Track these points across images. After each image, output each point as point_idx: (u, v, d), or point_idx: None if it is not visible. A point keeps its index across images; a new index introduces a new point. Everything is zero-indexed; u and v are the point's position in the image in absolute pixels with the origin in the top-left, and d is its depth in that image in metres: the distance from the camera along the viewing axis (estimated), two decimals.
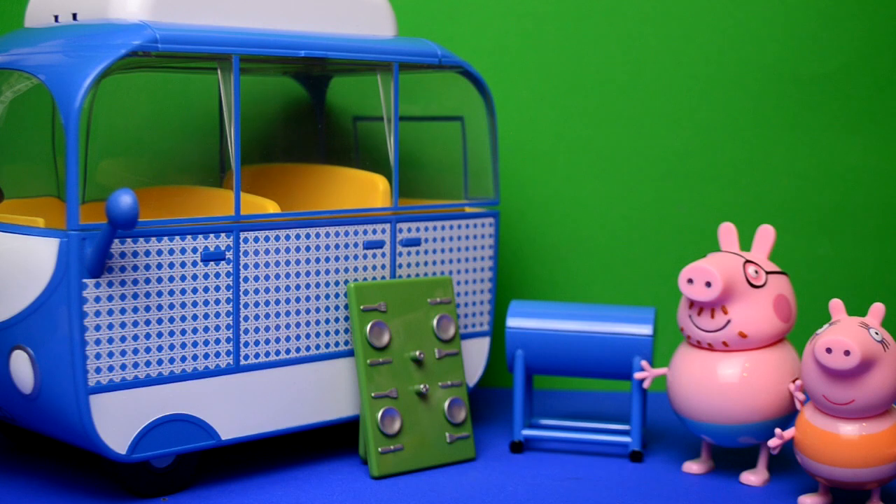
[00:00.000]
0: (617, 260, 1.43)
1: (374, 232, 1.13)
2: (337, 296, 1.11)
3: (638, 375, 1.14)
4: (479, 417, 1.29)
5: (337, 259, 1.11)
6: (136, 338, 0.98)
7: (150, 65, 1.13)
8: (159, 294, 0.99)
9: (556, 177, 1.43)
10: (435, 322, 1.14)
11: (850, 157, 1.41)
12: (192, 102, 1.29)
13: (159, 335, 0.99)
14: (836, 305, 1.02)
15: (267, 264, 1.06)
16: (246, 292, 1.05)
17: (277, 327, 1.07)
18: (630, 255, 1.43)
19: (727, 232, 1.13)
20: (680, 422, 1.15)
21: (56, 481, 1.07)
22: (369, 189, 1.16)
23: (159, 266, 0.99)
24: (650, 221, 1.43)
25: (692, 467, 1.13)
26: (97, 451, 0.98)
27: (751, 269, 1.08)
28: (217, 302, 1.03)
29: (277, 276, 1.07)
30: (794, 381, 1.07)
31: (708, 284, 1.05)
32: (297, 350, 1.08)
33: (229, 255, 1.03)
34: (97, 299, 0.95)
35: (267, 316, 1.06)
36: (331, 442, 1.19)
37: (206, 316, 1.02)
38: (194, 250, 1.01)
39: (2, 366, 1.00)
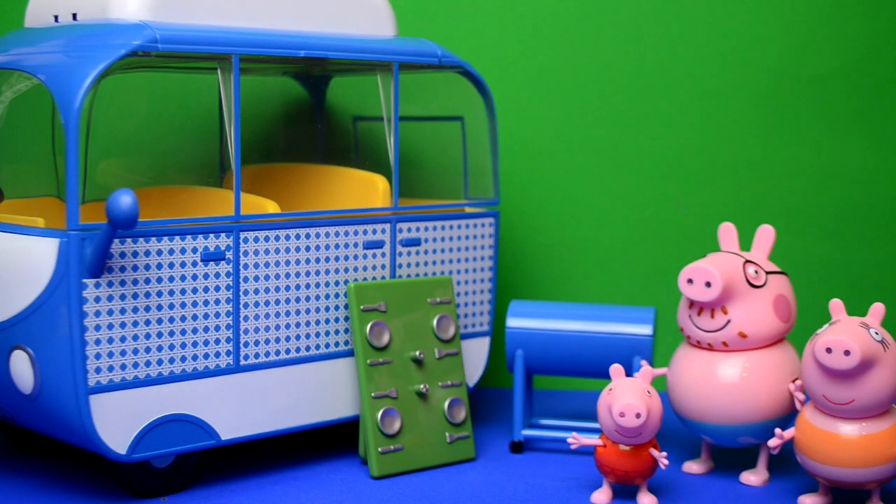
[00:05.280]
0: (617, 260, 1.43)
1: (374, 232, 1.13)
2: (337, 296, 1.11)
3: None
4: (479, 417, 1.29)
5: (337, 259, 1.11)
6: (136, 338, 0.98)
7: (150, 65, 1.13)
8: (159, 294, 0.99)
9: (556, 177, 1.43)
10: (435, 322, 1.14)
11: (851, 157, 1.41)
12: (192, 102, 1.29)
13: (159, 335, 1.00)
14: (836, 305, 1.02)
15: (267, 264, 1.06)
16: (246, 292, 1.05)
17: (277, 327, 1.07)
18: (630, 255, 1.43)
19: (727, 232, 1.13)
20: (680, 422, 1.15)
21: (56, 481, 1.07)
22: (369, 189, 1.16)
23: (159, 266, 0.99)
24: (650, 221, 1.43)
25: (692, 467, 1.13)
26: (97, 451, 0.98)
27: (751, 269, 1.08)
28: (217, 302, 1.03)
29: (277, 276, 1.07)
30: (794, 381, 1.07)
31: (708, 284, 1.05)
32: (297, 350, 1.08)
33: (229, 255, 1.03)
34: (97, 299, 0.95)
35: (267, 316, 1.06)
36: (331, 442, 1.19)
37: (206, 316, 1.02)
38: (194, 250, 1.01)
39: (2, 366, 1.00)
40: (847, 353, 0.96)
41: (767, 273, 1.09)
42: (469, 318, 1.22)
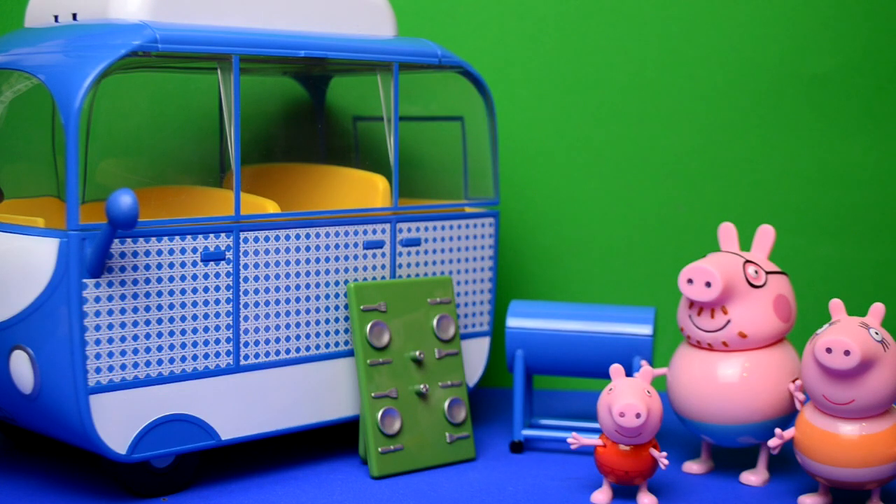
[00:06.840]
0: (617, 260, 1.43)
1: (374, 232, 1.13)
2: (337, 296, 1.11)
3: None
4: (479, 417, 1.29)
5: (337, 259, 1.11)
6: (136, 338, 0.98)
7: (150, 65, 1.13)
8: (159, 294, 0.99)
9: (556, 177, 1.43)
10: (435, 322, 1.14)
11: (851, 156, 1.41)
12: (192, 102, 1.29)
13: (159, 335, 1.00)
14: (836, 305, 1.02)
15: (267, 264, 1.06)
16: (246, 292, 1.05)
17: (277, 327, 1.07)
18: (630, 255, 1.43)
19: (727, 232, 1.13)
20: (680, 422, 1.15)
21: (56, 481, 1.07)
22: (369, 189, 1.16)
23: (159, 266, 0.99)
24: (650, 221, 1.43)
25: (692, 467, 1.13)
26: (97, 451, 0.98)
27: (751, 269, 1.08)
28: (217, 302, 1.03)
29: (277, 276, 1.07)
30: (794, 381, 1.07)
31: (708, 284, 1.05)
32: (297, 350, 1.08)
33: (229, 255, 1.03)
34: (97, 299, 0.95)
35: (267, 316, 1.06)
36: (331, 442, 1.19)
37: (206, 316, 1.02)
38: (194, 250, 1.01)
39: (2, 366, 1.00)
40: (847, 353, 0.96)
41: (767, 273, 1.09)
42: (469, 318, 1.22)
